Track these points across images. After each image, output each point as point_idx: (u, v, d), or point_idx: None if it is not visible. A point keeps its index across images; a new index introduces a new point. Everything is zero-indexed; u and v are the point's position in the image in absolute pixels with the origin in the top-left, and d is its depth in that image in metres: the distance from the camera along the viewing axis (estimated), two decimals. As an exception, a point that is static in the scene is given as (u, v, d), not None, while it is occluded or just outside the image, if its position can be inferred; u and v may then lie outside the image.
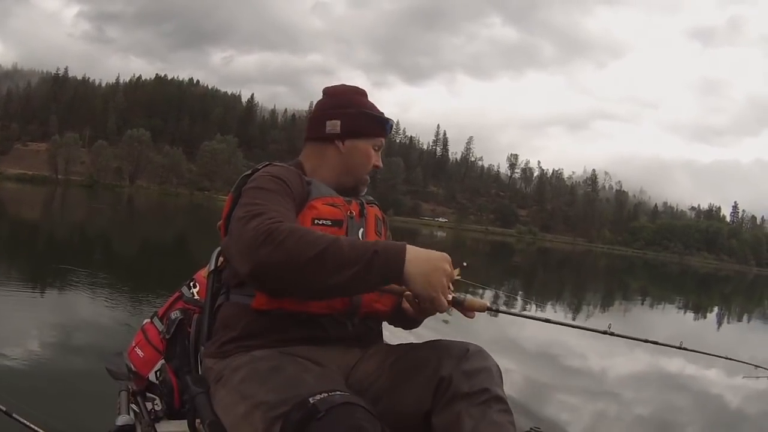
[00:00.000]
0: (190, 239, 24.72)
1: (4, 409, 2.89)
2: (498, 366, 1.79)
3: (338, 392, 1.53)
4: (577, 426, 5.35)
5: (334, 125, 2.17)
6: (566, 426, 5.21)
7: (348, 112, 2.17)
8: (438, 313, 1.78)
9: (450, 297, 1.69)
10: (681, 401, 7.17)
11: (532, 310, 12.86)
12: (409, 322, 2.15)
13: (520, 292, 17.64)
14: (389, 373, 1.80)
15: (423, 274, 1.61)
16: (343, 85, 2.27)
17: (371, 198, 2.25)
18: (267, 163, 2.10)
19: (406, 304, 1.99)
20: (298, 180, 2.01)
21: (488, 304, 1.79)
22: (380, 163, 2.22)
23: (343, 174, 2.15)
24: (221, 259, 2.19)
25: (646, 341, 2.05)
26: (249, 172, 2.05)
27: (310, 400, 1.48)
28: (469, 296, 1.78)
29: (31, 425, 2.97)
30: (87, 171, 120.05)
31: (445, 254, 1.68)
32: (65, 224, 24.90)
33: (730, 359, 2.42)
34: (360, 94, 2.25)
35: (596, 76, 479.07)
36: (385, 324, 2.17)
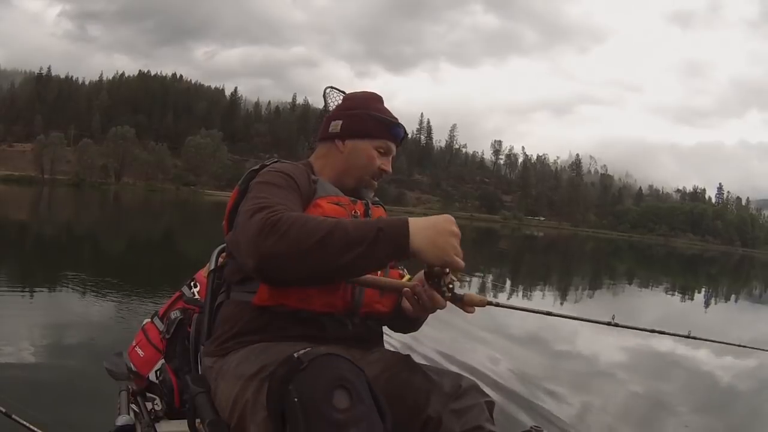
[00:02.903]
0: (186, 237, 24.74)
1: (3, 410, 2.88)
2: (492, 400, 1.80)
3: (323, 347, 1.57)
4: (579, 423, 5.33)
5: (336, 125, 2.19)
6: (568, 424, 5.20)
7: (351, 113, 2.18)
8: (438, 310, 1.78)
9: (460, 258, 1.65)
10: (688, 392, 7.13)
11: (531, 300, 12.92)
12: (409, 323, 2.14)
13: (510, 282, 17.60)
14: (380, 393, 1.74)
15: (430, 242, 1.60)
16: (362, 91, 2.28)
17: (377, 199, 2.25)
18: (276, 159, 2.11)
19: (406, 303, 1.98)
20: (306, 177, 2.02)
21: (488, 299, 1.77)
22: (388, 168, 2.20)
23: (343, 174, 2.16)
24: (221, 257, 2.20)
25: (652, 331, 1.97)
26: (257, 167, 2.06)
27: (295, 354, 1.52)
28: (468, 291, 1.76)
29: (31, 426, 2.96)
30: (73, 170, 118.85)
31: (447, 215, 1.68)
32: (59, 224, 24.66)
33: (743, 346, 2.32)
34: (373, 99, 2.25)
35: (579, 60, 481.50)
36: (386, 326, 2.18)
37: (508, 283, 17.32)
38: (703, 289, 25.05)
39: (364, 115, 2.16)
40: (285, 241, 1.57)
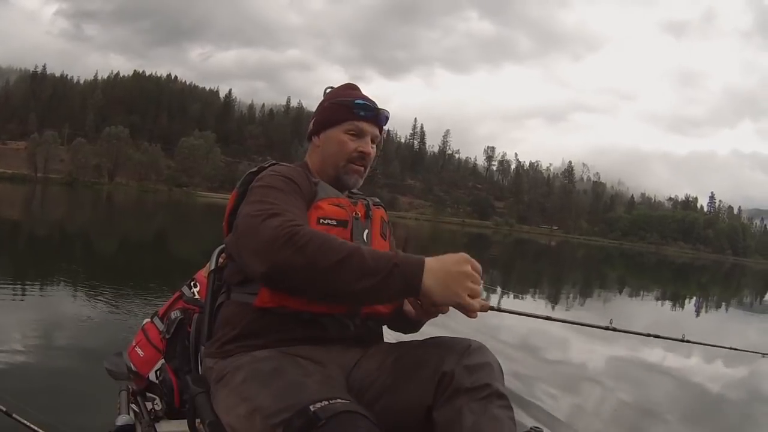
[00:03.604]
0: (181, 237, 24.75)
1: (4, 409, 2.89)
2: (499, 362, 1.78)
3: (339, 400, 1.52)
4: (579, 424, 5.34)
5: (311, 124, 2.22)
6: (566, 425, 5.21)
7: (321, 107, 2.21)
8: (441, 315, 1.77)
9: (481, 296, 1.64)
10: (684, 395, 7.21)
11: (527, 304, 12.93)
12: (409, 325, 2.15)
13: (502, 290, 17.61)
14: (391, 371, 1.78)
15: (442, 285, 1.59)
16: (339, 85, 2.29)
17: (377, 200, 2.24)
18: (273, 162, 2.11)
19: (408, 306, 1.99)
20: (306, 180, 2.01)
21: (490, 304, 1.76)
22: (366, 148, 2.15)
23: (322, 167, 2.15)
24: (221, 258, 2.19)
25: (648, 335, 2.01)
26: (255, 169, 2.05)
27: (311, 408, 1.47)
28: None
29: (31, 425, 2.97)
30: (66, 169, 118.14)
31: (462, 254, 1.65)
32: (57, 223, 24.60)
33: (735, 349, 2.37)
34: (344, 87, 2.26)
35: (573, 68, 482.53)
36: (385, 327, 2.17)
37: (506, 286, 17.32)
38: (694, 298, 25.01)
39: (329, 105, 2.17)
40: (301, 255, 1.57)
